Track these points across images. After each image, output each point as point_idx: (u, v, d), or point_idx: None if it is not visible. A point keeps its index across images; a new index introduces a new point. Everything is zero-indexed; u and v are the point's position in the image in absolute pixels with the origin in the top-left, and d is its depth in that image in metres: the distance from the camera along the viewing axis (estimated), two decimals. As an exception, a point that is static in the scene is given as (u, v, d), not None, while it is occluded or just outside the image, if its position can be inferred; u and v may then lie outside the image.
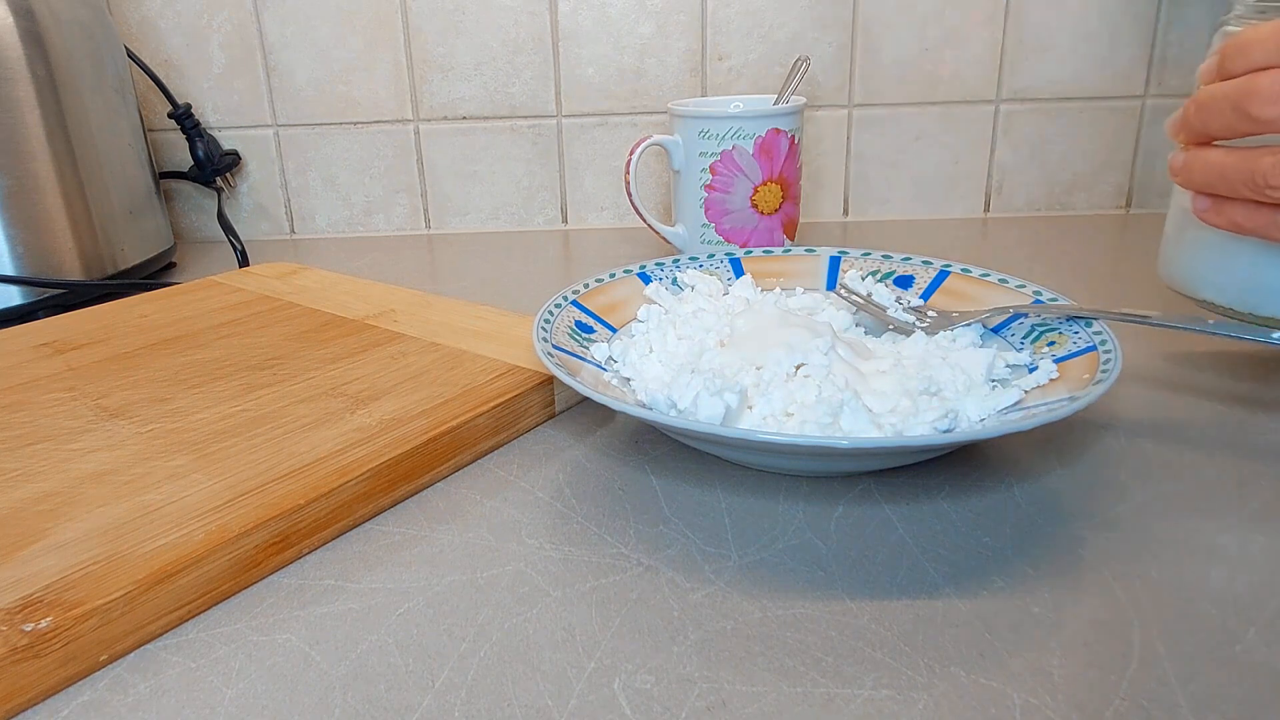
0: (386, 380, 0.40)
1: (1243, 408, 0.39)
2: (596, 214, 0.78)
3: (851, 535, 0.30)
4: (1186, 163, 0.35)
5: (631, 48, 0.73)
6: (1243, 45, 0.32)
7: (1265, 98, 0.30)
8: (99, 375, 0.42)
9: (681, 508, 0.32)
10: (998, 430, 0.29)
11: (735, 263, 0.49)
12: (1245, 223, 0.33)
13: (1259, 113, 0.31)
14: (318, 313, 0.50)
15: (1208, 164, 0.34)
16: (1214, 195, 0.34)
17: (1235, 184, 0.33)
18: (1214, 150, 0.34)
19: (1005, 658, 0.24)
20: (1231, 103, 0.31)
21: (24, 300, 0.57)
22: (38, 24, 0.57)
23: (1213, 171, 0.34)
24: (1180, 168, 0.35)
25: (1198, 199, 0.35)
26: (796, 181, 0.62)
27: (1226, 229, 0.35)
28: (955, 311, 0.43)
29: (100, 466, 0.33)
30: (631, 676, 0.24)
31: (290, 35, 0.74)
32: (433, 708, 0.23)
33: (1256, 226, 0.33)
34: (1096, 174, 0.74)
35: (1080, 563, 0.28)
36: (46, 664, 0.24)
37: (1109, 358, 0.34)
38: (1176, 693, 0.23)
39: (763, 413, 0.33)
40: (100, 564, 0.27)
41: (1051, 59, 0.71)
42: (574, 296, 0.43)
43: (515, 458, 0.37)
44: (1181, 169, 0.35)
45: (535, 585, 0.28)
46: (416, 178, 0.78)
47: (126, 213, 0.64)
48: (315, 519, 0.30)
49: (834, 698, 0.23)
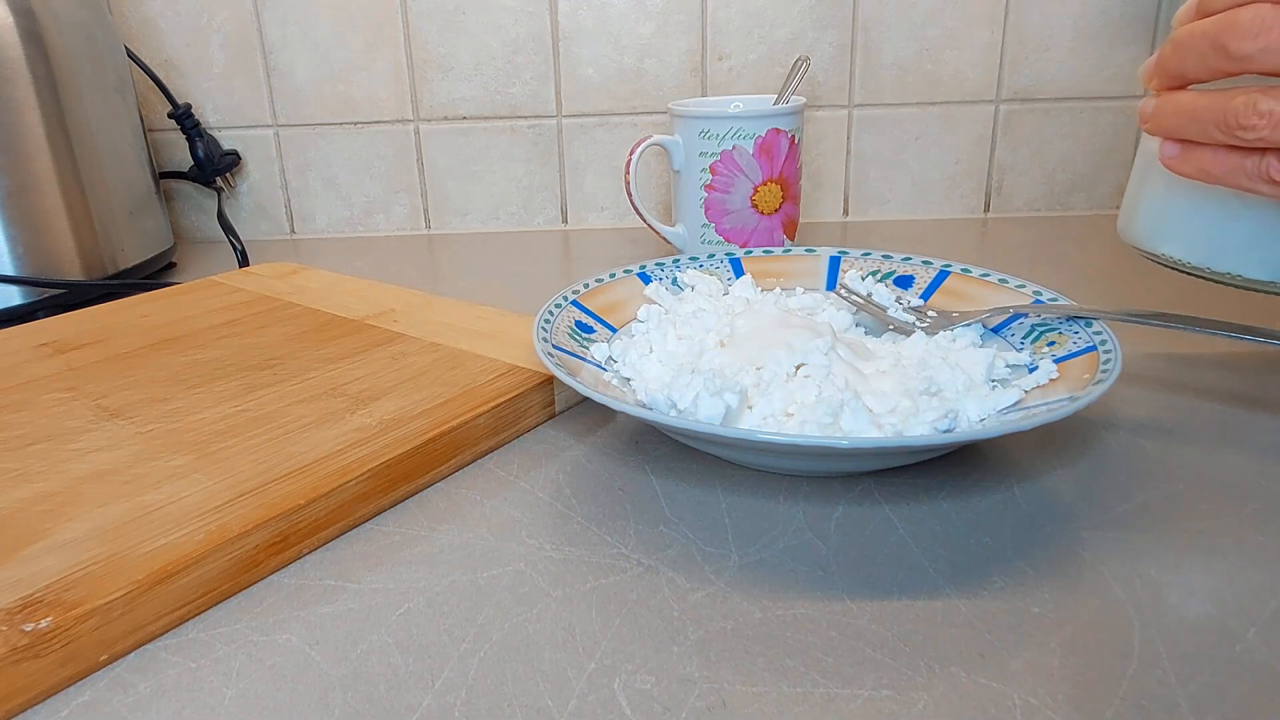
0: (386, 380, 0.40)
1: (1243, 408, 0.39)
2: (596, 214, 0.78)
3: (851, 535, 0.30)
4: (1157, 107, 0.34)
5: (631, 48, 0.73)
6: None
7: (1244, 31, 0.29)
8: (99, 375, 0.42)
9: (681, 508, 0.32)
10: (998, 430, 0.29)
11: (735, 263, 0.49)
12: (1214, 168, 0.32)
13: (1237, 48, 0.29)
14: (318, 313, 0.50)
15: (1179, 107, 0.33)
16: (1184, 141, 0.33)
17: (1206, 126, 0.31)
18: (1186, 93, 0.33)
19: (1005, 658, 0.24)
20: (1210, 39, 0.30)
21: (24, 300, 0.57)
22: (38, 24, 0.57)
23: (1184, 115, 0.32)
24: (1150, 114, 0.34)
25: (1166, 145, 0.34)
26: (796, 181, 0.62)
27: (1194, 177, 0.33)
28: (955, 311, 0.43)
29: (100, 466, 0.33)
30: (631, 677, 0.24)
31: (290, 35, 0.74)
32: (433, 708, 0.23)
33: (1225, 172, 0.32)
34: (1096, 174, 0.74)
35: (1080, 563, 0.28)
36: (46, 664, 0.24)
37: (1109, 358, 0.34)
38: (1176, 693, 0.23)
39: (763, 413, 0.33)
40: (100, 564, 0.27)
41: (1051, 59, 0.71)
42: (574, 296, 0.43)
43: (515, 458, 0.37)
44: (1152, 115, 0.34)
45: (535, 585, 0.28)
46: (416, 178, 0.78)
47: (126, 213, 0.64)
48: (315, 519, 0.30)
49: (834, 698, 0.23)
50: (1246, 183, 0.31)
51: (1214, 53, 0.30)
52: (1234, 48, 0.29)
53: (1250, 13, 0.29)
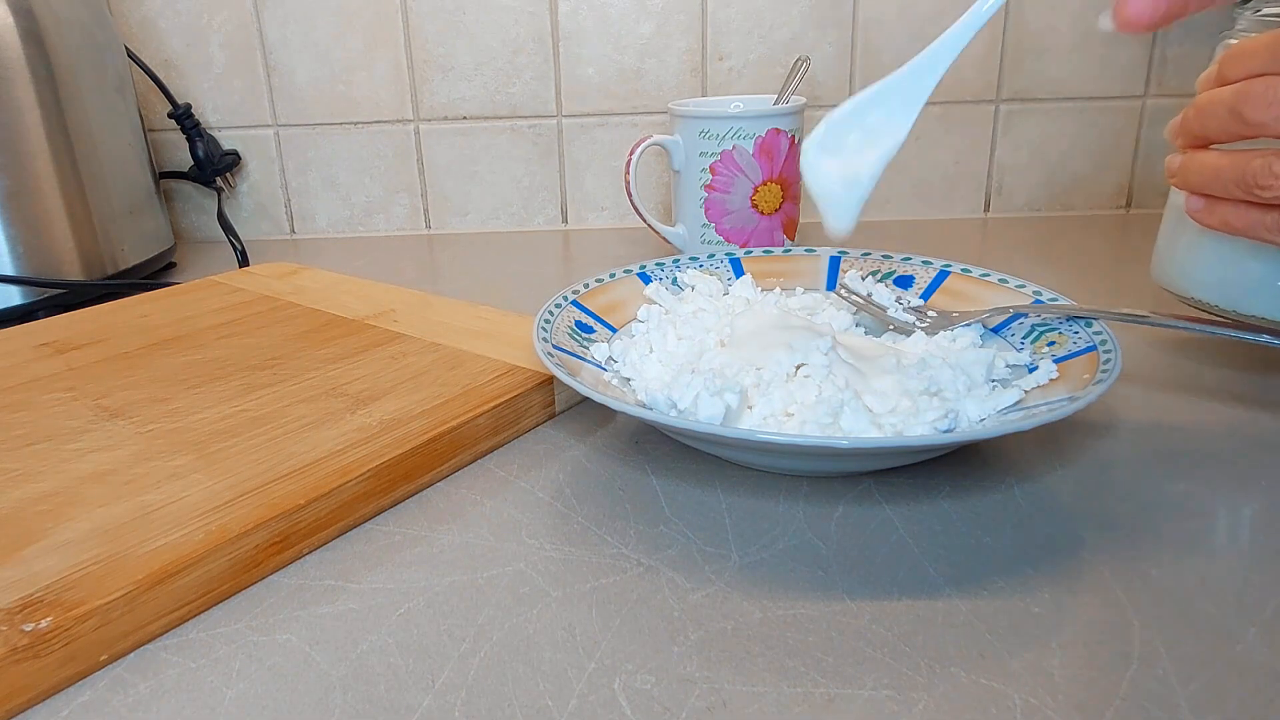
0: (387, 380, 0.40)
1: (1243, 408, 0.39)
2: (596, 214, 0.78)
3: (852, 535, 0.30)
4: (1183, 164, 0.37)
5: (631, 48, 0.73)
6: (1240, 53, 0.33)
7: (1258, 102, 0.32)
8: (99, 375, 0.42)
9: (682, 508, 0.32)
10: (998, 430, 0.29)
11: (735, 263, 0.49)
12: (1235, 221, 0.35)
13: (1251, 116, 0.32)
14: (318, 313, 0.50)
15: (1203, 165, 0.35)
16: (1208, 196, 0.36)
17: (1228, 184, 0.34)
18: (1209, 153, 0.35)
19: (1005, 658, 0.24)
20: (1227, 107, 0.33)
21: (24, 300, 0.57)
22: (38, 24, 0.57)
23: (1207, 172, 0.35)
24: (1177, 169, 0.37)
25: (1192, 199, 0.37)
26: (796, 181, 0.62)
27: (1218, 228, 0.36)
28: (955, 311, 0.43)
29: (100, 466, 0.33)
30: (632, 677, 0.24)
31: (290, 35, 0.74)
32: (433, 708, 0.23)
33: (1245, 225, 0.35)
34: (1096, 174, 0.74)
35: (1080, 563, 0.28)
36: (46, 664, 0.24)
37: (1109, 358, 0.34)
38: (1176, 693, 0.23)
39: (763, 413, 0.33)
40: (100, 564, 0.27)
41: (1051, 59, 0.71)
42: (574, 296, 0.43)
43: (515, 458, 0.37)
44: (1178, 170, 0.37)
45: (535, 585, 0.28)
46: (416, 178, 0.78)
47: (126, 213, 0.64)
48: (315, 519, 0.31)
49: (834, 698, 0.23)
50: (1266, 235, 0.34)
51: (1232, 118, 0.33)
52: (1249, 115, 0.32)
53: (1263, 84, 0.32)
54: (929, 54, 0.35)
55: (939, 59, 0.35)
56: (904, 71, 0.36)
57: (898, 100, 0.36)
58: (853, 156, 0.36)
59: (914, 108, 0.35)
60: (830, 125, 0.36)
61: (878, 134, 0.36)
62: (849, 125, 0.36)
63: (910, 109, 0.36)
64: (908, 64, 0.36)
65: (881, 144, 0.36)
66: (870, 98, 0.36)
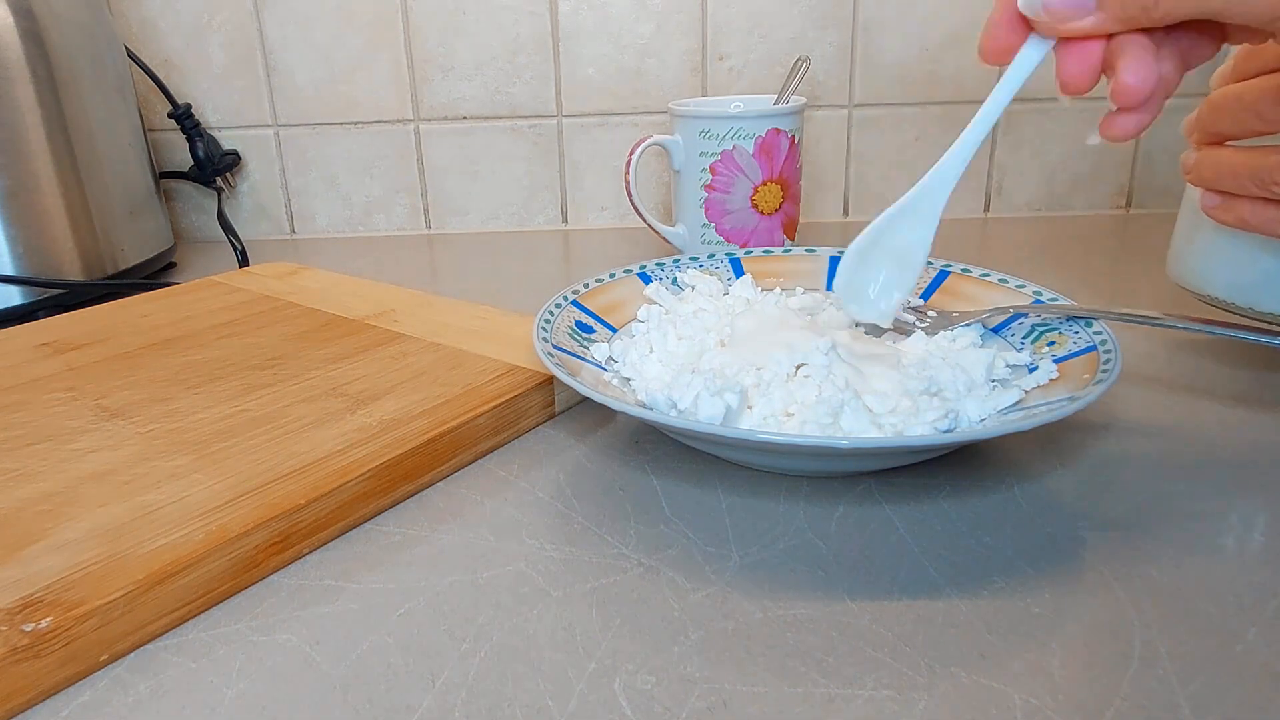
0: (387, 380, 0.40)
1: (1243, 407, 0.39)
2: (596, 214, 0.78)
3: (852, 535, 0.30)
4: (1198, 161, 0.36)
5: (631, 48, 0.73)
6: (1256, 50, 0.33)
7: (1275, 98, 0.32)
8: (99, 375, 0.42)
9: (682, 508, 0.32)
10: (998, 430, 0.29)
11: (735, 263, 0.49)
12: (1251, 219, 0.35)
13: (1268, 112, 0.32)
14: (318, 313, 0.50)
15: (1218, 162, 0.35)
16: (1223, 192, 0.36)
17: (1243, 181, 0.34)
18: (1225, 149, 0.35)
19: (1005, 658, 0.24)
20: (1243, 103, 0.33)
21: (24, 300, 0.57)
22: (38, 24, 0.57)
23: (1223, 169, 0.35)
24: (1192, 166, 0.37)
25: (1207, 196, 0.36)
26: (796, 181, 0.62)
27: (1234, 225, 0.36)
28: (955, 311, 0.43)
29: (100, 466, 0.33)
30: (632, 677, 0.24)
31: (290, 35, 0.74)
32: (433, 708, 0.23)
33: (1261, 222, 0.34)
34: (1096, 174, 0.74)
35: (1080, 563, 0.28)
36: (46, 664, 0.24)
37: (1109, 358, 0.34)
38: (1176, 693, 0.23)
39: (763, 413, 0.33)
40: (100, 564, 0.27)
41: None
42: (574, 296, 0.43)
43: (515, 458, 0.37)
44: (1194, 167, 0.37)
45: (536, 585, 0.28)
46: (416, 178, 0.78)
47: (126, 213, 0.64)
48: (315, 519, 0.30)
49: (834, 698, 0.23)
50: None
51: (1246, 115, 0.33)
52: (1266, 111, 0.32)
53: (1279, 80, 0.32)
54: (917, 195, 0.38)
55: (938, 191, 0.38)
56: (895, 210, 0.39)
57: (910, 222, 0.39)
58: (880, 297, 0.40)
59: (929, 229, 0.39)
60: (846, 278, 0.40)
61: (903, 257, 0.40)
62: (867, 277, 0.40)
63: (927, 229, 0.39)
64: (892, 208, 0.39)
65: (908, 268, 0.40)
66: (878, 231, 0.39)
